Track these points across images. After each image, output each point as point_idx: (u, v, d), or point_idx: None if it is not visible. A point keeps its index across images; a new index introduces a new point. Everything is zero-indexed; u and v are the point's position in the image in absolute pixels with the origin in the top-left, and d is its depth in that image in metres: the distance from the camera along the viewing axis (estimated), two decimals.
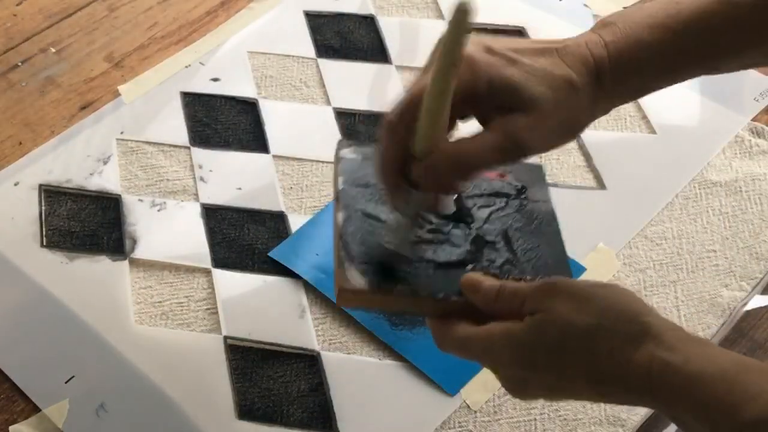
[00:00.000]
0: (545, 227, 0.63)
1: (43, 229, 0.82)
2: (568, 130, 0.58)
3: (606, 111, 0.59)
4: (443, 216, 0.62)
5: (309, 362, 0.74)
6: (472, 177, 0.57)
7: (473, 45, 0.54)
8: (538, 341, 0.52)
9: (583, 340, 0.51)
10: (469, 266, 0.59)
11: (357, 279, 0.58)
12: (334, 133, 0.89)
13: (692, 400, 0.48)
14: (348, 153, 0.66)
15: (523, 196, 0.65)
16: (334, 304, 0.76)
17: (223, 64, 0.95)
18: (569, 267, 0.61)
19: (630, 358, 0.50)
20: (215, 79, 0.94)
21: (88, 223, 0.83)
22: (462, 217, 0.62)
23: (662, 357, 0.49)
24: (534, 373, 0.53)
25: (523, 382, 0.54)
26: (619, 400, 0.53)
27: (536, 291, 0.53)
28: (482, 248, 0.61)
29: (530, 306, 0.53)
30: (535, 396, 0.57)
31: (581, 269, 0.79)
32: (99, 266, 0.80)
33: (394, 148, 0.55)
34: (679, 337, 0.50)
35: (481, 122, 0.57)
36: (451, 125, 0.56)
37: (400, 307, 0.61)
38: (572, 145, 0.88)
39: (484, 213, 0.63)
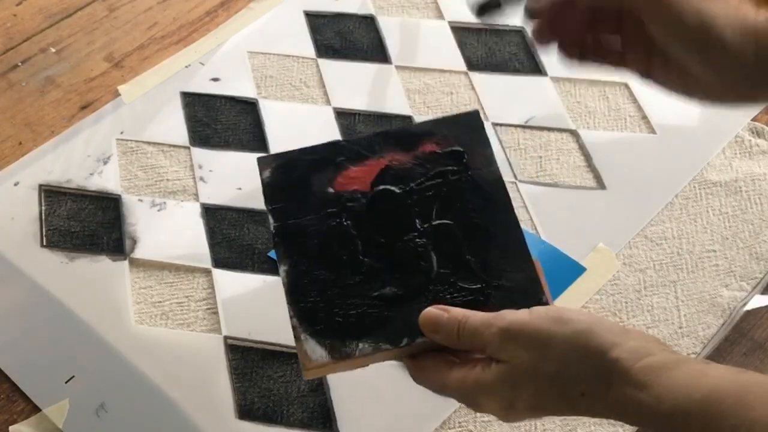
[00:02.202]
0: (494, 203, 0.59)
1: (43, 229, 0.82)
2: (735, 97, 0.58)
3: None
4: (384, 236, 0.59)
5: None
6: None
7: None
8: (510, 390, 0.52)
9: (554, 385, 0.51)
10: (423, 295, 0.57)
11: (318, 352, 0.56)
12: (334, 134, 0.89)
13: None
14: (273, 173, 0.62)
15: (463, 163, 0.61)
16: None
17: (223, 64, 0.95)
18: (526, 246, 0.58)
19: (603, 399, 0.50)
20: (215, 79, 0.94)
21: (88, 223, 0.83)
22: (403, 229, 0.59)
23: (634, 397, 0.48)
24: (517, 412, 0.53)
25: (505, 416, 0.54)
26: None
27: (494, 337, 0.52)
28: (431, 264, 0.58)
29: (492, 352, 0.52)
30: (521, 420, 0.57)
31: (581, 269, 0.78)
32: (99, 266, 0.80)
33: None
34: (649, 370, 0.49)
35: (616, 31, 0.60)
36: None
37: (369, 362, 0.58)
38: (572, 145, 0.88)
39: (425, 211, 0.59)
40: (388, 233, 0.59)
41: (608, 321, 0.52)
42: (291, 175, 0.62)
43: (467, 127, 0.63)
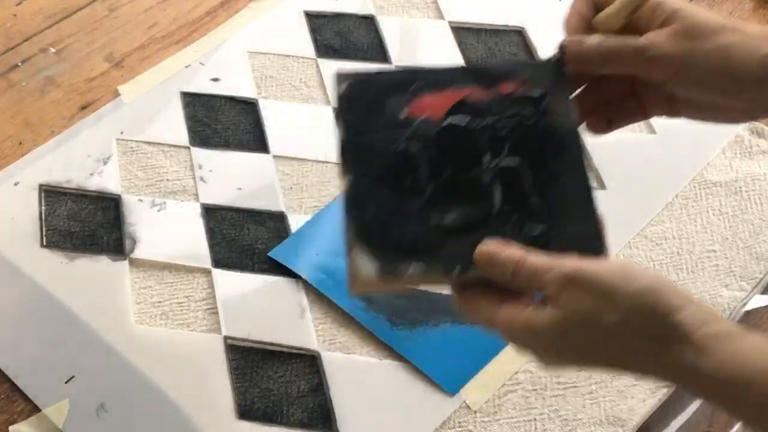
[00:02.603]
0: (568, 153, 0.58)
1: (43, 229, 0.82)
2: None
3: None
4: (450, 167, 0.58)
5: (309, 362, 0.74)
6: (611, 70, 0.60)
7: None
8: (562, 338, 0.51)
9: (610, 339, 0.50)
10: (482, 230, 0.55)
11: (367, 267, 0.55)
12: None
13: (728, 406, 0.48)
14: (350, 87, 0.61)
15: (541, 108, 0.59)
16: (334, 303, 0.76)
17: (223, 64, 0.95)
18: (593, 200, 0.57)
19: (660, 360, 0.49)
20: (215, 79, 0.94)
21: (88, 223, 0.83)
22: (470, 163, 0.58)
23: (692, 363, 0.48)
24: (562, 360, 0.52)
25: (547, 362, 0.53)
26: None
27: (556, 280, 0.51)
28: (494, 200, 0.56)
29: (549, 294, 0.51)
30: (561, 370, 0.56)
31: None
32: (99, 266, 0.80)
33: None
34: (711, 336, 0.48)
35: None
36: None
37: (416, 285, 0.56)
38: None
39: (496, 149, 0.58)
40: (454, 165, 0.58)
41: (675, 285, 0.51)
42: (367, 93, 0.61)
43: (552, 74, 0.61)
